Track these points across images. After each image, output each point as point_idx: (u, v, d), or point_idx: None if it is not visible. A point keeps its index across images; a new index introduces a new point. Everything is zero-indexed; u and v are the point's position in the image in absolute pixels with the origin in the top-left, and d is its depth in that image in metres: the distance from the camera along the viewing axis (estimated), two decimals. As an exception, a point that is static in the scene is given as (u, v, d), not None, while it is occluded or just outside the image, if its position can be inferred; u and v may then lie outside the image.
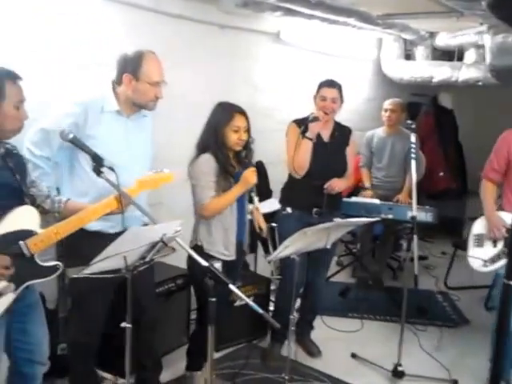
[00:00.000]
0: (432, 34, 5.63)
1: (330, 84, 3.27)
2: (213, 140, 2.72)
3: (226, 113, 2.74)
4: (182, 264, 2.90)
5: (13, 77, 1.98)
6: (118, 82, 2.44)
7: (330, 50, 5.32)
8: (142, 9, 3.44)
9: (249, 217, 2.94)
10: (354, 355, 3.50)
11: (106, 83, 2.48)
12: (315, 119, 3.15)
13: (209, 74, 4.01)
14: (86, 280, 2.01)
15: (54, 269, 2.09)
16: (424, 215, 3.58)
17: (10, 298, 1.99)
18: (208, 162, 2.68)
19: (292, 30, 4.75)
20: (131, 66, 2.39)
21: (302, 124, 3.21)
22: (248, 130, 2.75)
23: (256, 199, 2.79)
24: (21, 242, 1.99)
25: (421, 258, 4.98)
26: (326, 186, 3.20)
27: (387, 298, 4.32)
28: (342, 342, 3.68)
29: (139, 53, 2.40)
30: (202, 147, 2.74)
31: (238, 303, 3.21)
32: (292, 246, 2.58)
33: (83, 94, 2.47)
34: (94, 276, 1.98)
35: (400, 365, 3.21)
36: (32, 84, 2.17)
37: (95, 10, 3.01)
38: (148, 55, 2.41)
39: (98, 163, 2.12)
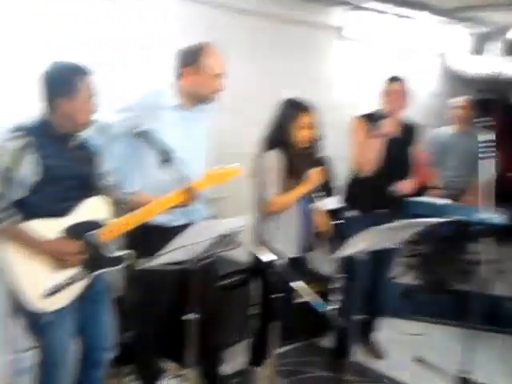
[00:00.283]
0: (504, 28, 5.37)
1: (397, 79, 3.19)
2: (279, 137, 2.71)
3: (292, 109, 2.72)
4: (244, 258, 2.91)
5: (83, 71, 2.05)
6: (178, 75, 2.46)
7: (397, 44, 5.18)
8: (205, 4, 3.47)
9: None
10: (418, 359, 3.39)
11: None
12: (383, 115, 3.07)
13: (272, 69, 3.99)
14: (152, 271, 2.06)
15: (122, 259, 2.16)
16: (497, 217, 3.40)
17: (82, 284, 2.07)
18: (274, 158, 2.67)
19: (357, 24, 4.67)
20: (192, 59, 2.39)
21: (369, 120, 3.14)
22: (315, 127, 2.72)
23: (319, 199, 2.75)
24: (91, 232, 2.07)
25: (492, 261, 4.76)
26: (393, 189, 3.11)
27: (454, 301, 4.16)
28: (405, 345, 3.58)
29: (200, 45, 2.41)
30: (268, 143, 2.73)
31: (298, 300, 3.18)
32: (357, 245, 2.53)
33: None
34: (159, 267, 2.03)
35: (467, 372, 3.08)
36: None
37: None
38: (209, 47, 2.41)
39: (165, 156, 2.16)
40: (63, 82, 2.01)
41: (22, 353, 2.35)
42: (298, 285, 1.99)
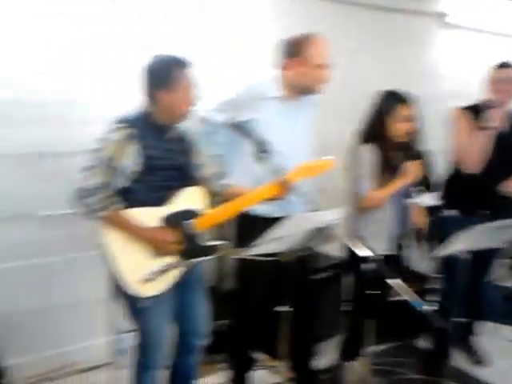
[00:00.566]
0: None
1: (506, 65, 2.95)
2: (375, 130, 2.64)
3: (390, 101, 2.63)
4: (337, 253, 2.86)
5: (183, 64, 2.10)
6: (281, 66, 2.45)
7: (507, 30, 4.82)
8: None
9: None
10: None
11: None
12: (489, 106, 2.86)
13: (374, 60, 3.88)
14: (247, 261, 2.07)
15: (217, 249, 2.20)
16: None
17: (179, 272, 2.14)
18: (370, 152, 2.60)
19: (462, 9, 4.41)
20: (296, 50, 2.37)
21: (473, 111, 2.94)
22: (414, 119, 2.61)
23: (417, 194, 2.63)
24: (187, 221, 2.12)
25: None
26: (501, 188, 2.89)
27: None
28: (510, 353, 3.34)
29: (304, 36, 2.39)
30: (365, 136, 2.66)
31: (395, 298, 3.08)
32: (457, 244, 2.40)
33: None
34: (254, 258, 2.04)
35: None
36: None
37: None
38: (313, 38, 2.39)
39: (260, 148, 2.16)
40: (163, 75, 2.06)
41: (122, 334, 2.47)
42: (396, 282, 1.91)
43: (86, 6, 2.79)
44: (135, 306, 2.11)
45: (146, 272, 2.07)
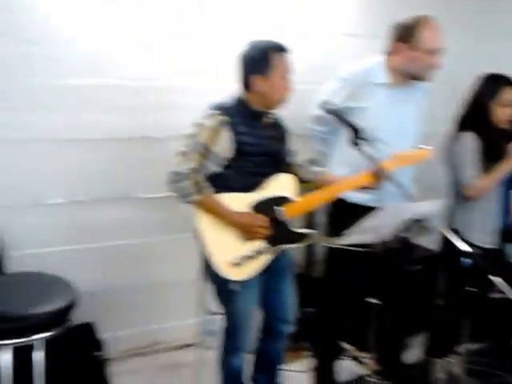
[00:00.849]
0: None
1: None
2: (477, 116, 2.49)
3: (494, 85, 2.48)
4: (432, 246, 2.74)
5: (279, 49, 2.07)
6: (389, 52, 2.36)
7: None
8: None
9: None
10: None
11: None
12: None
13: (477, 44, 3.64)
14: (338, 250, 2.03)
15: (306, 236, 2.17)
16: None
17: (267, 257, 2.14)
18: (472, 140, 2.45)
19: None
20: (407, 33, 2.28)
21: None
22: None
23: None
24: (278, 208, 2.11)
25: None
26: None
27: None
28: None
29: (415, 19, 2.28)
30: (465, 123, 2.51)
31: (495, 296, 2.91)
32: None
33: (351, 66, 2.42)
34: (345, 247, 2.00)
35: None
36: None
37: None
38: (425, 21, 2.27)
39: (356, 135, 2.10)
40: (258, 60, 2.05)
41: (211, 315, 2.52)
42: (497, 279, 1.79)
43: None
44: (225, 290, 2.14)
45: (236, 256, 2.09)
